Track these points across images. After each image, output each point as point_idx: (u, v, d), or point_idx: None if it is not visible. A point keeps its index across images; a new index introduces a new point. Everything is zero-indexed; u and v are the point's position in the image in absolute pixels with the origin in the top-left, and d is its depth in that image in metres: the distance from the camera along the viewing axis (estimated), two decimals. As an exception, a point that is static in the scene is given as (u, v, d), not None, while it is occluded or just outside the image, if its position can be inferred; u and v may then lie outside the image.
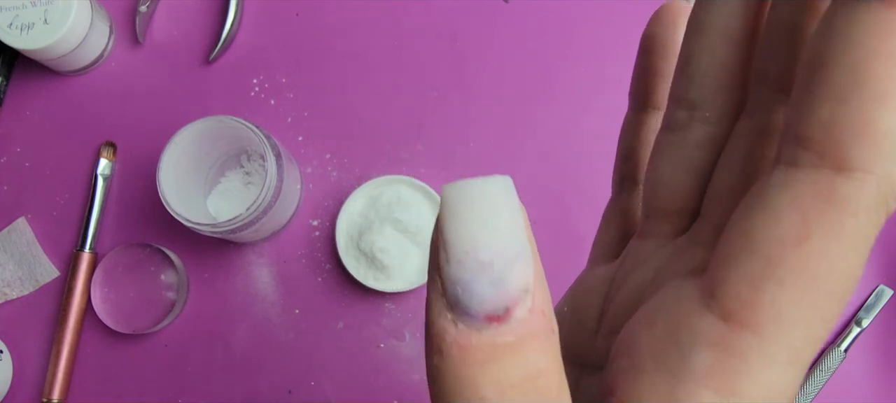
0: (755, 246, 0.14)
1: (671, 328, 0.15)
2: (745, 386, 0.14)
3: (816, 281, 0.13)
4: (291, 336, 0.52)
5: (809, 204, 0.13)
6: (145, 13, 0.54)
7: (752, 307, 0.14)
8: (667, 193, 0.19)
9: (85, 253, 0.51)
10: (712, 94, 0.18)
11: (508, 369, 0.13)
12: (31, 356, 0.52)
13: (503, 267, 0.13)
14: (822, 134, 0.13)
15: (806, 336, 0.14)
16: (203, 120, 0.46)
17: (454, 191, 0.13)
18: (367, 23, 0.54)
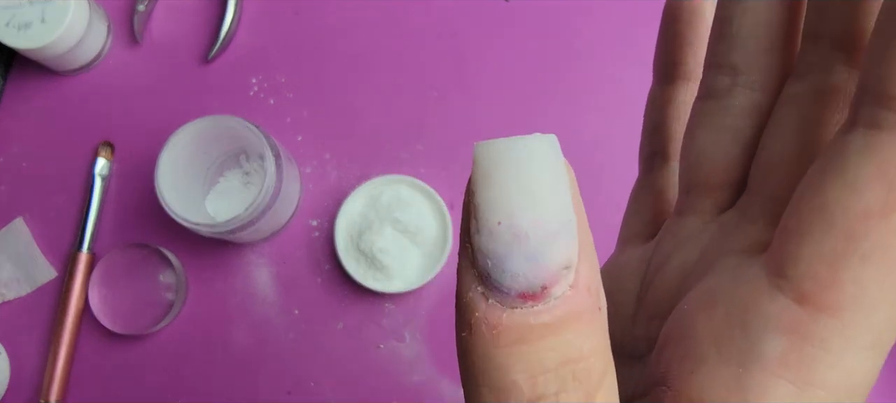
0: (833, 220, 0.12)
1: (736, 311, 0.13)
2: (825, 375, 0.12)
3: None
4: (291, 336, 0.51)
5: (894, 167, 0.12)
6: (143, 12, 0.53)
7: (831, 287, 0.12)
8: (709, 166, 0.17)
9: (83, 254, 0.51)
10: (756, 57, 0.16)
11: (543, 352, 0.12)
12: (28, 357, 0.52)
13: (541, 241, 0.11)
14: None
15: (891, 318, 0.12)
16: (202, 119, 0.46)
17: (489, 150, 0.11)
18: (367, 22, 0.54)
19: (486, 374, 0.12)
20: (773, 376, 0.13)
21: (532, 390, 0.12)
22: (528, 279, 0.11)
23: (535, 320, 0.11)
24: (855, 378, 0.13)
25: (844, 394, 0.13)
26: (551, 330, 0.11)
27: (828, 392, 0.13)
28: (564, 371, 0.12)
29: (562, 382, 0.12)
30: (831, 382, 0.13)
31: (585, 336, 0.12)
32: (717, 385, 0.13)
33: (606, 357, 0.12)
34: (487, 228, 0.11)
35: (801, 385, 0.13)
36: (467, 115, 0.53)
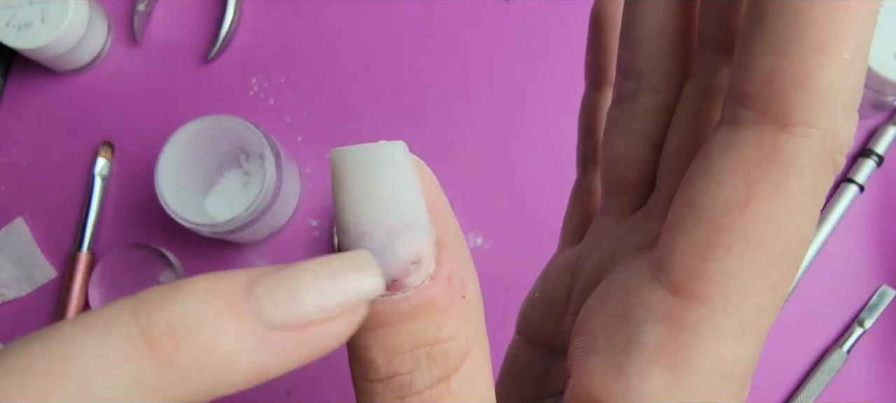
0: (700, 214, 0.13)
1: (622, 304, 0.14)
2: (697, 361, 0.13)
3: (764, 247, 0.13)
4: (290, 337, 0.51)
5: (752, 164, 0.13)
6: (143, 12, 0.53)
7: (700, 278, 0.13)
8: (622, 166, 0.18)
9: (83, 254, 0.51)
10: (656, 60, 0.17)
11: (399, 336, 0.13)
12: (28, 357, 0.52)
13: (385, 239, 0.12)
14: (762, 89, 0.12)
15: (757, 305, 0.13)
16: (201, 119, 0.46)
17: (341, 157, 0.12)
18: (367, 22, 0.54)
19: (354, 352, 0.13)
20: (650, 363, 0.13)
21: (388, 367, 0.13)
22: (381, 270, 0.12)
23: (390, 308, 0.12)
24: (725, 364, 0.13)
25: (716, 380, 0.13)
26: (405, 317, 0.12)
27: (700, 377, 0.13)
28: (418, 352, 0.13)
29: (415, 362, 0.13)
30: (703, 368, 0.13)
31: (441, 323, 0.13)
32: (602, 372, 0.14)
33: (469, 343, 0.13)
34: (342, 228, 0.12)
35: (675, 371, 0.13)
36: (467, 115, 0.53)
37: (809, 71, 0.12)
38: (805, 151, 0.12)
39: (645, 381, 0.13)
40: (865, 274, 0.49)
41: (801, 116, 0.12)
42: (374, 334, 0.13)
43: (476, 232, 0.51)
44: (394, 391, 0.13)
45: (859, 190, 0.49)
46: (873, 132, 0.50)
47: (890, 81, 0.43)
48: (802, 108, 0.12)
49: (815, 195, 0.13)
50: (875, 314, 0.48)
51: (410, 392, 0.13)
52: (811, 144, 0.12)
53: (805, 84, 0.12)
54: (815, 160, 0.13)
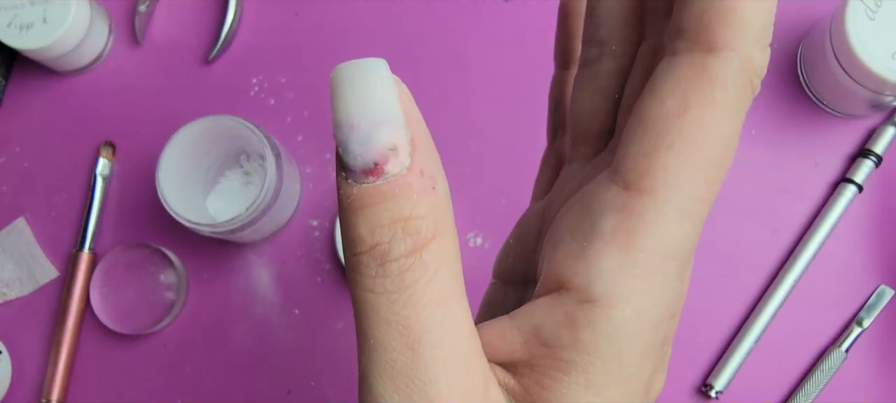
0: (647, 123, 0.16)
1: (585, 205, 0.17)
2: (644, 242, 0.16)
3: (697, 147, 0.16)
4: (291, 336, 0.51)
5: (686, 81, 0.16)
6: (144, 13, 0.53)
7: (646, 174, 0.16)
8: (586, 119, 0.21)
9: (84, 254, 0.51)
10: (616, 31, 0.21)
11: (379, 212, 0.15)
12: (30, 356, 0.52)
13: (369, 129, 0.15)
14: (694, 23, 0.16)
15: (692, 194, 0.16)
16: (202, 119, 0.46)
17: (338, 71, 0.15)
18: (367, 22, 0.54)
19: (345, 233, 0.16)
20: (606, 245, 0.16)
21: (371, 239, 0.15)
22: (364, 157, 0.15)
23: (373, 190, 0.15)
24: (668, 243, 0.16)
25: (660, 258, 0.16)
26: (384, 196, 0.15)
27: (647, 255, 0.16)
28: (395, 226, 0.15)
29: (393, 233, 0.15)
30: (649, 247, 0.16)
31: (414, 203, 0.15)
32: (566, 258, 0.17)
33: (439, 226, 0.16)
34: (337, 124, 0.15)
35: (626, 250, 0.16)
36: (467, 115, 0.53)
37: (731, 6, 0.15)
38: (727, 70, 0.16)
39: (602, 259, 0.16)
40: (864, 274, 0.49)
41: (724, 42, 0.16)
42: (361, 213, 0.15)
43: (476, 233, 0.51)
44: (376, 259, 0.15)
45: (858, 190, 0.49)
46: (872, 132, 0.50)
47: (888, 81, 0.43)
48: (725, 36, 0.16)
49: (738, 107, 0.16)
50: (874, 313, 0.48)
51: (389, 258, 0.15)
52: (732, 64, 0.16)
53: (726, 17, 0.15)
54: (736, 78, 0.16)
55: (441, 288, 0.16)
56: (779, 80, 0.51)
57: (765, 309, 0.48)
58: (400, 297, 0.15)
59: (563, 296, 0.17)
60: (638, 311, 0.16)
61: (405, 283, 0.15)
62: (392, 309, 0.15)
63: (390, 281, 0.15)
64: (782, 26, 0.52)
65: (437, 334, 0.16)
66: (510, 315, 0.18)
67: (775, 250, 0.50)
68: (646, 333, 0.16)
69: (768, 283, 0.49)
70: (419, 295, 0.15)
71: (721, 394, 0.48)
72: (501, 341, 0.18)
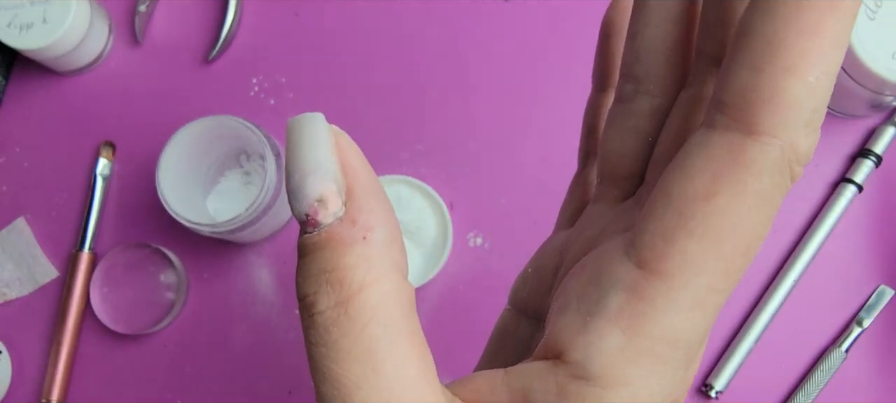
0: (672, 201, 0.15)
1: (596, 273, 0.16)
2: (650, 328, 0.15)
3: (722, 236, 0.15)
4: (291, 336, 0.51)
5: (719, 163, 0.15)
6: (144, 13, 0.53)
7: (663, 256, 0.15)
8: (616, 159, 0.20)
9: (84, 254, 0.51)
10: (655, 68, 0.19)
11: (309, 263, 0.16)
12: (30, 356, 0.52)
13: (300, 179, 0.16)
14: (737, 98, 0.14)
15: (709, 285, 0.15)
16: (202, 120, 0.46)
17: (289, 124, 0.16)
18: (367, 22, 0.54)
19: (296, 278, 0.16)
20: (610, 324, 0.15)
21: (303, 289, 0.16)
22: (298, 207, 0.16)
23: (306, 240, 0.16)
24: (675, 333, 0.15)
25: (665, 346, 0.15)
26: (315, 248, 0.16)
27: (651, 342, 0.15)
28: (321, 277, 0.15)
29: (318, 285, 0.15)
30: (654, 334, 0.15)
31: (340, 255, 0.15)
32: (570, 328, 0.16)
33: (368, 277, 0.15)
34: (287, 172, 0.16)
35: (630, 334, 0.15)
36: (467, 115, 0.53)
37: (777, 88, 0.14)
38: (766, 157, 0.14)
39: (603, 339, 0.15)
40: (864, 274, 0.49)
41: (766, 126, 0.14)
42: (299, 263, 0.16)
43: (476, 233, 0.51)
44: (306, 309, 0.16)
45: (858, 190, 0.49)
46: (872, 132, 0.50)
47: (888, 82, 0.43)
48: (768, 119, 0.14)
49: (772, 197, 0.15)
50: (873, 313, 0.48)
51: (315, 310, 0.15)
52: (772, 152, 0.14)
53: (772, 99, 0.14)
54: (774, 166, 0.14)
55: (371, 342, 0.15)
56: (779, 80, 0.51)
57: (765, 309, 0.48)
58: (328, 352, 0.15)
59: (558, 367, 0.16)
60: (634, 397, 0.15)
61: (332, 338, 0.15)
62: (323, 363, 0.15)
63: (317, 335, 0.15)
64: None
65: (367, 391, 0.15)
66: (505, 370, 0.17)
67: (775, 250, 0.50)
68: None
69: (768, 283, 0.49)
70: (347, 349, 0.15)
71: (721, 394, 0.48)
72: (490, 393, 0.17)
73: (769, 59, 0.14)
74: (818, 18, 0.14)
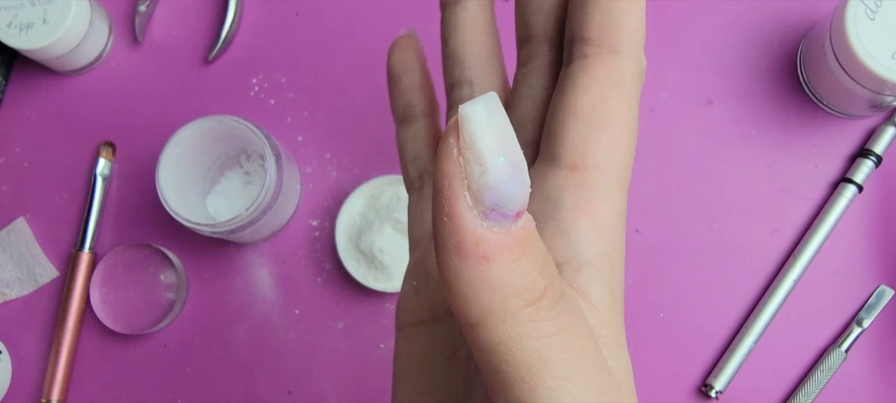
0: (577, 113, 0.20)
1: (541, 196, 0.20)
2: (601, 207, 0.19)
3: (620, 126, 0.19)
4: (291, 336, 0.51)
5: (602, 77, 0.20)
6: (144, 13, 0.54)
7: (588, 153, 0.19)
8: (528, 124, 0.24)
9: (84, 254, 0.51)
10: (481, 70, 0.25)
11: (538, 252, 0.15)
12: (30, 356, 0.52)
13: (523, 167, 0.14)
14: (598, 32, 0.20)
15: (623, 164, 0.20)
16: (202, 119, 0.46)
17: (478, 110, 0.14)
18: (367, 22, 0.54)
19: (508, 287, 0.15)
20: (574, 218, 0.19)
21: (543, 278, 0.15)
22: (523, 198, 0.14)
23: (531, 231, 0.15)
24: (615, 205, 0.19)
25: (614, 216, 0.19)
26: (530, 239, 0.15)
27: (605, 217, 0.19)
28: (549, 266, 0.16)
29: (552, 269, 0.16)
30: (605, 210, 0.19)
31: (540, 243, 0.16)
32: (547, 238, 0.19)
33: None
34: (492, 166, 0.14)
35: (592, 217, 0.19)
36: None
37: (625, 20, 0.20)
38: (630, 66, 0.20)
39: (577, 230, 0.19)
40: (864, 274, 0.49)
41: (624, 46, 0.20)
42: (528, 257, 0.15)
43: (476, 232, 0.51)
44: (552, 298, 0.15)
45: (858, 190, 0.49)
46: (872, 132, 0.50)
47: (888, 81, 0.43)
48: (624, 41, 0.20)
49: (636, 96, 0.20)
50: (873, 313, 0.48)
51: (559, 296, 0.16)
52: (631, 62, 0.20)
53: (623, 27, 0.20)
54: (633, 73, 0.20)
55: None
56: (779, 80, 0.51)
57: (765, 309, 0.48)
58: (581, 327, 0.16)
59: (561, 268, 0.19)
60: (615, 261, 0.19)
61: (575, 318, 0.16)
62: (581, 339, 0.16)
63: (571, 316, 0.16)
64: (782, 26, 0.52)
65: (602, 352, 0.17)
66: None
67: (775, 250, 0.50)
68: (618, 289, 0.19)
69: (768, 283, 0.49)
70: (585, 326, 0.16)
71: (721, 394, 0.48)
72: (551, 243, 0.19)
73: (613, 3, 0.20)
74: None
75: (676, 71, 0.52)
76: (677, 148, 0.51)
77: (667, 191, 0.51)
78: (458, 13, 0.25)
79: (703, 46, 0.52)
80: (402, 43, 0.28)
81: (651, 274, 0.50)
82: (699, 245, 0.50)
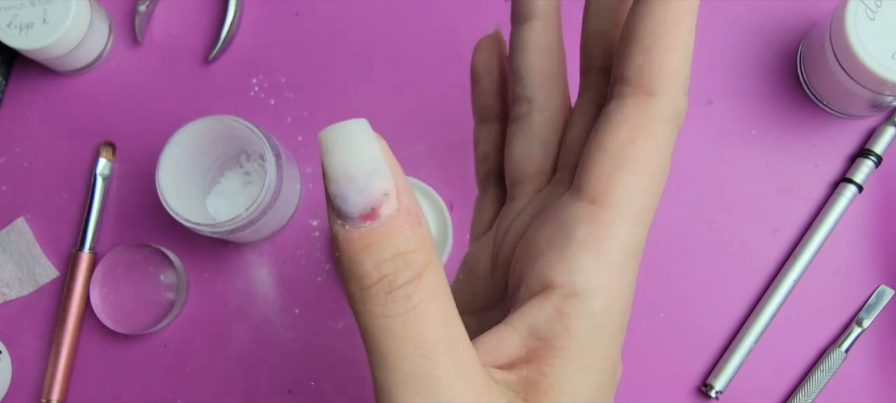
0: (605, 150, 0.21)
1: (557, 221, 0.21)
2: (610, 244, 0.20)
3: (645, 168, 0.20)
4: (291, 336, 0.51)
5: (634, 117, 0.20)
6: (144, 13, 0.54)
7: (608, 190, 0.20)
8: (525, 162, 0.25)
9: (84, 254, 0.51)
10: (539, 89, 0.25)
11: (382, 249, 0.18)
12: (30, 356, 0.52)
13: (365, 179, 0.18)
14: (637, 73, 0.21)
15: (643, 205, 0.20)
16: (202, 120, 0.46)
17: (328, 133, 0.18)
18: (367, 23, 0.54)
19: (349, 272, 0.18)
20: (581, 249, 0.20)
21: (378, 272, 0.18)
22: (363, 203, 0.18)
23: (373, 231, 0.18)
24: (628, 244, 0.20)
25: (624, 256, 0.20)
26: (384, 236, 0.18)
27: (614, 255, 0.20)
28: (397, 259, 0.18)
29: (396, 266, 0.18)
30: (614, 248, 0.20)
31: (408, 239, 0.18)
32: (550, 263, 0.21)
33: (428, 256, 0.18)
34: (332, 178, 0.18)
35: (599, 253, 0.20)
36: (467, 115, 0.53)
37: (664, 62, 0.20)
38: (664, 109, 0.20)
39: (580, 260, 0.20)
40: (864, 274, 0.49)
41: (660, 88, 0.20)
42: (365, 252, 0.18)
43: (476, 232, 0.51)
44: (384, 288, 0.18)
45: (858, 190, 0.49)
46: (872, 132, 0.50)
47: (888, 81, 0.43)
48: (660, 84, 0.20)
49: (670, 139, 0.21)
50: (873, 313, 0.48)
51: (396, 286, 0.18)
52: (666, 105, 0.20)
53: (661, 70, 0.20)
54: (670, 116, 0.21)
55: (441, 306, 0.18)
56: (779, 80, 0.51)
57: (765, 308, 0.48)
58: (410, 316, 0.18)
59: (549, 295, 0.20)
60: (613, 299, 0.20)
61: (413, 304, 0.18)
62: (405, 327, 0.18)
63: (400, 305, 0.18)
64: (782, 26, 0.52)
65: (446, 344, 0.18)
66: (504, 322, 0.21)
67: (775, 250, 0.50)
68: (617, 319, 0.20)
69: (768, 283, 0.49)
70: (426, 313, 0.18)
71: (721, 394, 0.48)
72: (501, 346, 0.20)
73: (655, 43, 0.20)
74: (680, 15, 0.20)
75: (676, 71, 0.52)
76: (677, 148, 0.51)
77: (667, 190, 0.51)
78: (524, 32, 0.26)
79: (703, 46, 0.52)
80: (485, 45, 0.29)
81: (651, 274, 0.50)
82: (699, 245, 0.50)
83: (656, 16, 0.20)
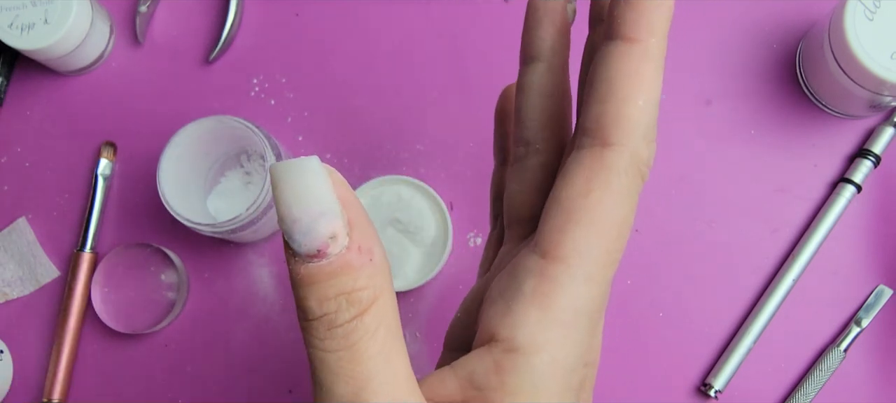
0: (560, 203, 0.20)
1: (512, 271, 0.21)
2: (558, 301, 0.19)
3: (599, 222, 0.19)
4: (291, 335, 0.52)
5: (589, 169, 0.20)
6: (145, 13, 0.54)
7: (559, 244, 0.20)
8: (518, 205, 0.25)
9: (85, 254, 0.51)
10: (538, 131, 0.25)
11: (325, 288, 0.18)
12: (31, 356, 0.52)
13: (310, 222, 0.17)
14: (594, 124, 0.20)
15: (597, 261, 0.20)
16: (203, 120, 0.46)
17: (276, 170, 0.18)
18: (367, 23, 0.54)
19: (297, 301, 0.18)
20: (527, 304, 0.20)
21: (320, 309, 0.18)
22: (307, 246, 0.17)
23: (318, 269, 0.18)
24: (578, 301, 0.20)
25: (571, 313, 0.20)
26: (329, 275, 0.18)
27: (562, 312, 0.19)
28: (340, 298, 0.18)
29: (338, 305, 0.18)
30: (562, 305, 0.19)
31: (354, 278, 0.18)
32: (496, 315, 0.20)
33: (375, 291, 0.18)
34: (280, 217, 0.18)
35: (543, 308, 0.19)
36: (467, 115, 0.53)
37: (619, 112, 0.20)
38: (620, 159, 0.20)
39: (524, 315, 0.20)
40: (863, 274, 0.49)
41: (616, 138, 0.20)
42: (310, 288, 0.18)
43: (476, 232, 0.51)
44: (324, 325, 0.18)
45: (857, 190, 0.49)
46: (871, 132, 0.50)
47: (887, 82, 0.43)
48: (617, 134, 0.20)
49: (630, 191, 0.20)
50: (872, 313, 0.48)
51: (335, 325, 0.18)
52: (623, 155, 0.20)
53: (617, 120, 0.20)
54: (626, 166, 0.20)
55: (380, 344, 0.18)
56: (778, 80, 0.52)
57: (764, 308, 0.48)
58: (345, 354, 0.18)
59: (492, 347, 0.20)
60: (554, 358, 0.19)
61: (350, 343, 0.18)
62: (339, 364, 0.18)
63: (336, 342, 0.18)
64: (782, 26, 0.52)
65: (378, 381, 0.18)
66: (450, 365, 0.21)
67: (774, 250, 0.50)
68: (561, 378, 0.20)
69: (768, 283, 0.49)
70: (362, 351, 0.18)
71: (720, 394, 0.48)
72: (441, 386, 0.21)
73: (611, 94, 0.20)
74: (637, 65, 0.20)
75: (675, 71, 0.52)
76: (677, 148, 0.51)
77: (666, 191, 0.51)
78: (528, 74, 0.25)
79: (703, 46, 0.52)
80: (509, 92, 0.29)
81: (650, 274, 0.50)
82: (699, 245, 0.50)
83: (613, 64, 0.20)
